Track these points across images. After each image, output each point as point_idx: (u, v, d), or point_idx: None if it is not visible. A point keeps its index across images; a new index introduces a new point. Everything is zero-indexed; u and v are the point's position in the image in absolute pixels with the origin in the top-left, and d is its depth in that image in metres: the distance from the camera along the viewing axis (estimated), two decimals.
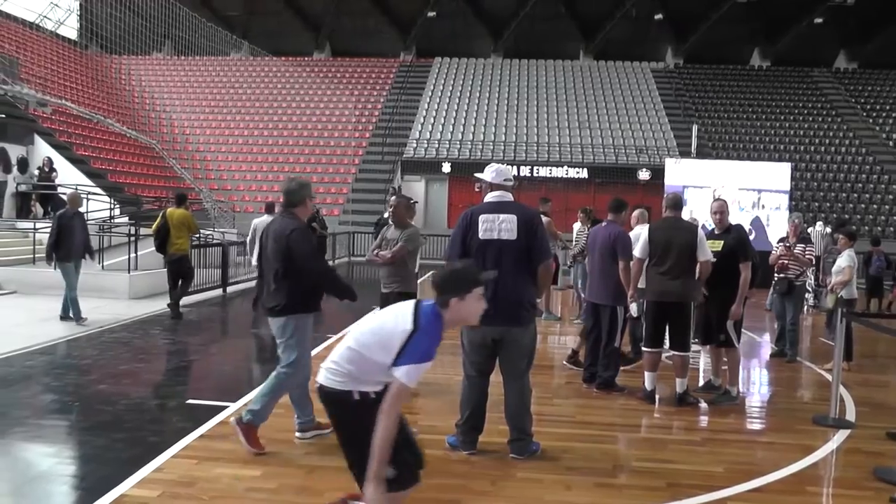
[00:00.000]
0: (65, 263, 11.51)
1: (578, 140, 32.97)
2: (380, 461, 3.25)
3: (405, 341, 3.32)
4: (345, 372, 3.50)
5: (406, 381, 3.27)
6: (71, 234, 11.50)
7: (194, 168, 31.04)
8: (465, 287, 3.43)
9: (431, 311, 3.42)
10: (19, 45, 32.25)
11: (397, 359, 3.30)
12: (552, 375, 8.64)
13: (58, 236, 11.38)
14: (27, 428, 6.25)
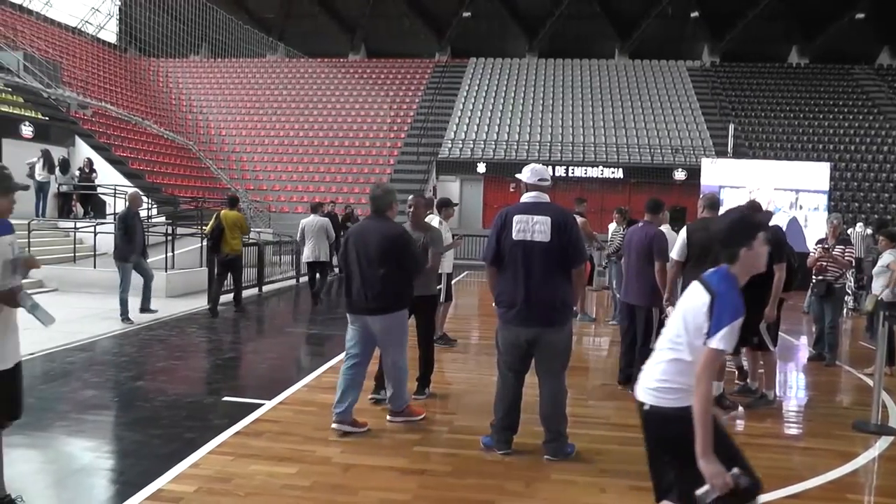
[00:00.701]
0: (124, 263, 11.65)
1: (614, 140, 32.74)
2: (705, 433, 3.12)
3: (709, 312, 3.19)
4: (678, 387, 3.33)
5: (724, 346, 3.13)
6: (133, 233, 11.66)
7: (230, 168, 31.35)
8: (750, 234, 3.27)
9: (720, 274, 3.29)
10: (61, 49, 32.82)
11: (709, 332, 3.17)
12: (587, 377, 8.58)
13: (123, 236, 11.54)
14: (69, 422, 6.36)
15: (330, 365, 8.70)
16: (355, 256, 5.99)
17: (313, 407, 6.83)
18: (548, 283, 5.32)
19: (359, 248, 5.98)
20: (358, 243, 6.01)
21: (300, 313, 14.43)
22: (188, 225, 18.04)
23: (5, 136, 20.48)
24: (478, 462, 5.45)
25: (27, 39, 29.08)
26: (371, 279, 5.91)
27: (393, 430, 6.20)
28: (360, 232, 6.12)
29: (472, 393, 7.48)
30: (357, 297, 6.00)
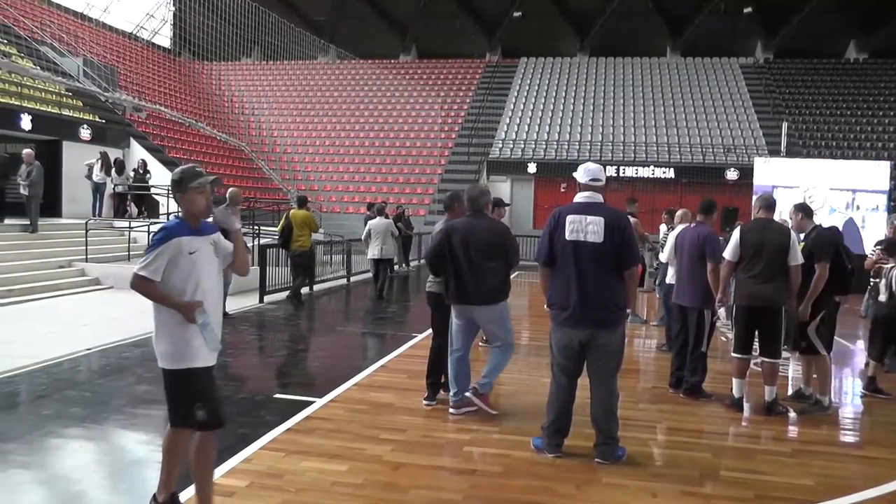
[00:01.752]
0: None
1: (665, 139, 32.29)
2: None
3: None
4: None
5: None
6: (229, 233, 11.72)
7: (282, 169, 31.66)
8: None
9: None
10: (118, 54, 33.50)
11: None
12: (638, 379, 8.43)
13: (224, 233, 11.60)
14: (123, 416, 6.51)
15: (381, 364, 8.71)
16: (462, 252, 6.33)
17: (364, 405, 6.83)
18: (601, 284, 5.25)
19: (466, 244, 6.31)
20: (464, 239, 6.34)
21: (351, 312, 14.50)
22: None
23: (66, 139, 20.94)
24: (528, 463, 5.39)
25: (86, 45, 29.71)
26: (479, 272, 6.25)
27: (444, 430, 6.17)
28: (465, 229, 6.42)
29: (523, 394, 7.40)
30: (464, 289, 6.35)
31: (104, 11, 38.47)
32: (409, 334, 10.63)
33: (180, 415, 4.05)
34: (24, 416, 6.43)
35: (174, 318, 3.99)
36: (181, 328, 4.00)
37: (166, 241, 3.94)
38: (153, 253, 3.92)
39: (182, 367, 3.99)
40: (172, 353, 4.00)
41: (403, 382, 7.77)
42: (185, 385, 4.02)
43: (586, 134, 33.25)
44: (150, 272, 3.90)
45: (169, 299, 3.98)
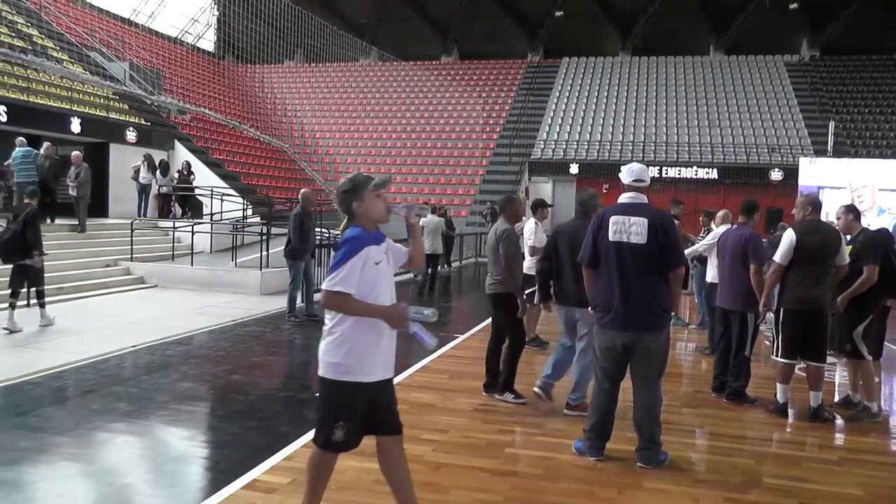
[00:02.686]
0: (296, 262, 11.71)
1: (708, 139, 31.87)
2: None
3: None
4: None
5: None
6: (309, 232, 11.72)
7: (324, 170, 31.87)
8: None
9: None
10: (163, 58, 34.02)
11: None
12: (680, 383, 8.27)
13: (299, 234, 11.58)
14: (167, 412, 6.58)
15: (422, 364, 8.68)
16: (567, 255, 6.46)
17: (405, 405, 6.73)
18: (645, 286, 5.16)
19: (571, 246, 6.33)
20: (570, 241, 6.44)
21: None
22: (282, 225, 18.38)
23: (113, 141, 21.28)
24: (570, 466, 5.34)
25: (133, 50, 30.21)
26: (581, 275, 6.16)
27: (485, 431, 6.13)
28: (571, 231, 6.57)
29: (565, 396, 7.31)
30: (568, 290, 6.54)
31: (150, 17, 39.22)
32: (451, 335, 10.59)
33: (324, 429, 3.92)
34: (73, 411, 6.55)
35: (370, 330, 3.84)
36: (374, 339, 3.87)
37: (358, 251, 3.75)
38: (346, 265, 3.71)
39: (352, 379, 3.85)
40: (350, 365, 3.83)
41: (444, 383, 7.74)
42: (346, 399, 3.89)
43: (628, 134, 32.97)
44: (346, 286, 3.70)
45: (372, 309, 3.81)
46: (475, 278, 21.63)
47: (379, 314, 3.81)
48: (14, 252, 10.11)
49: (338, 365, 3.81)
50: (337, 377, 3.82)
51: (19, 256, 10.13)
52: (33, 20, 26.52)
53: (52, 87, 21.36)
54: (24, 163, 15.50)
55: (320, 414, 3.94)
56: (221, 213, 19.59)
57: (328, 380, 3.84)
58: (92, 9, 34.46)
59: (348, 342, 3.81)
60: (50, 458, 5.31)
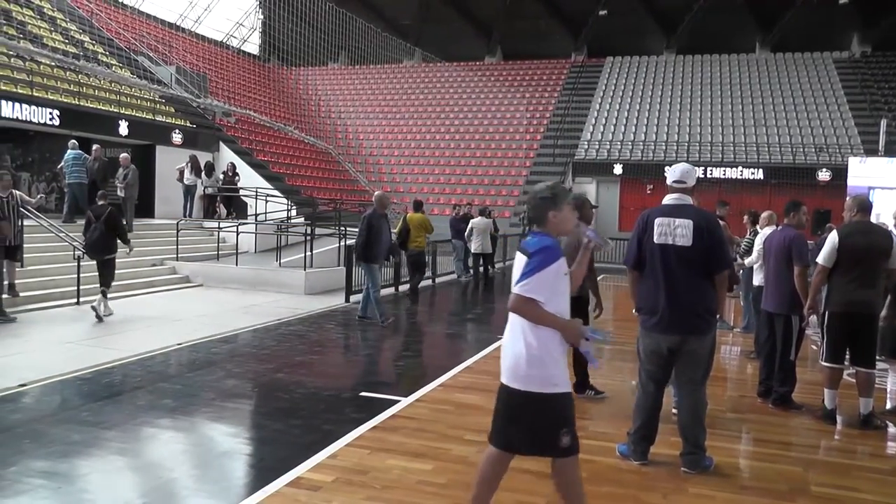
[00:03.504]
0: (371, 264, 11.58)
1: (754, 139, 31.27)
2: None
3: None
4: None
5: None
6: (379, 234, 11.56)
7: (368, 171, 32.02)
8: None
9: None
10: (209, 62, 34.41)
11: None
12: (725, 387, 8.13)
13: (367, 236, 11.44)
14: (213, 409, 6.66)
15: (466, 365, 8.69)
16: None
17: (449, 406, 6.83)
18: (690, 288, 5.09)
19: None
20: None
21: (436, 313, 14.54)
22: (326, 225, 18.52)
23: (159, 143, 21.61)
24: (614, 470, 5.28)
25: (179, 55, 30.69)
26: None
27: None
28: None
29: (609, 399, 7.27)
30: None
31: (196, 22, 39.80)
32: (494, 336, 10.55)
33: (538, 441, 3.96)
34: (121, 406, 6.63)
35: (555, 340, 3.88)
36: (559, 350, 3.90)
37: (555, 260, 3.79)
38: (541, 273, 3.75)
39: (554, 391, 3.88)
40: (546, 376, 3.87)
41: (488, 384, 7.68)
42: (553, 410, 3.91)
43: (673, 134, 32.56)
44: (539, 293, 3.75)
45: (555, 320, 3.84)
46: None
47: (560, 326, 3.85)
48: (100, 249, 11.22)
49: (535, 377, 3.87)
50: (540, 390, 3.87)
51: (106, 253, 11.25)
52: (85, 27, 27.05)
53: (101, 91, 21.75)
54: (76, 165, 15.88)
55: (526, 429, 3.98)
56: (266, 214, 19.77)
57: (530, 393, 3.88)
58: (140, 14, 35.08)
59: (546, 355, 3.85)
60: (99, 452, 5.42)
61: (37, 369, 7.65)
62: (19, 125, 17.94)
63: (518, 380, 3.89)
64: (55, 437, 5.64)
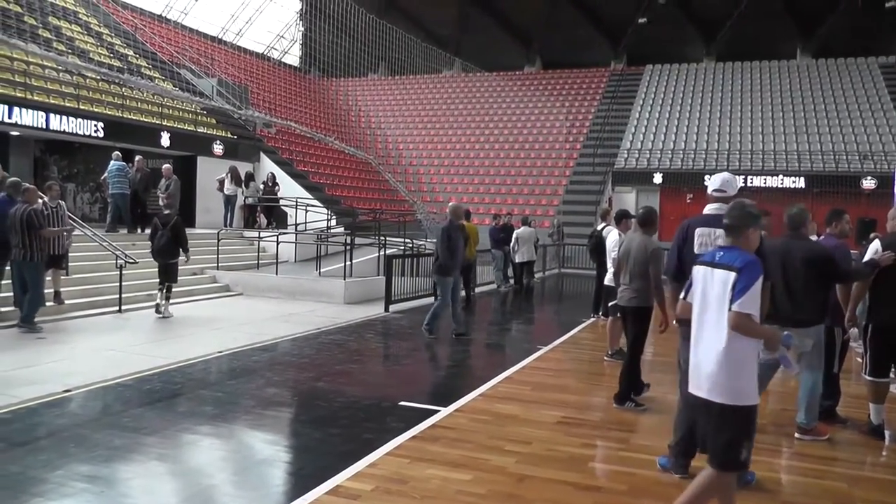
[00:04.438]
0: (444, 278, 11.16)
1: (795, 146, 30.76)
2: None
3: None
4: None
5: None
6: (456, 248, 11.22)
7: (407, 181, 32.10)
8: None
9: None
10: (250, 74, 34.89)
11: None
12: (766, 401, 7.90)
13: (446, 249, 11.06)
14: (252, 417, 6.71)
15: (506, 375, 8.65)
16: (778, 273, 6.20)
17: (489, 416, 6.79)
18: None
19: (783, 264, 6.22)
20: (781, 259, 6.25)
21: (475, 323, 14.48)
22: (366, 235, 18.58)
23: (200, 154, 21.88)
24: (654, 483, 5.21)
25: (221, 67, 31.09)
26: (796, 294, 6.16)
27: (568, 445, 6.04)
28: (781, 249, 6.34)
29: (650, 411, 7.18)
30: (782, 309, 6.20)
31: (238, 35, 40.26)
32: (534, 346, 10.51)
33: (723, 452, 4.04)
34: (162, 412, 6.69)
35: (754, 351, 4.01)
36: (756, 362, 4.03)
37: (760, 274, 3.93)
38: (752, 288, 3.88)
39: (752, 403, 4.01)
40: (747, 388, 3.98)
41: (528, 395, 7.67)
42: (746, 422, 4.02)
43: (713, 142, 32.18)
44: (753, 308, 3.87)
45: (765, 330, 4.03)
46: (558, 290, 21.46)
47: (769, 336, 3.99)
48: (166, 254, 12.32)
49: (740, 390, 3.95)
50: (744, 403, 3.95)
51: (170, 257, 12.34)
52: (129, 41, 27.54)
53: (144, 103, 22.10)
54: (118, 176, 16.14)
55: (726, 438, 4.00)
56: (306, 224, 19.89)
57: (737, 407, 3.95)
58: (183, 28, 35.60)
59: (746, 366, 3.95)
60: (140, 457, 5.47)
61: (81, 375, 7.75)
62: (66, 137, 18.32)
63: (726, 393, 3.95)
64: (98, 442, 5.72)
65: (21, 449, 5.55)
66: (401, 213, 24.17)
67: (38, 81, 18.90)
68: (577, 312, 14.23)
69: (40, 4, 24.85)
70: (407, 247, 17.93)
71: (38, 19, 23.39)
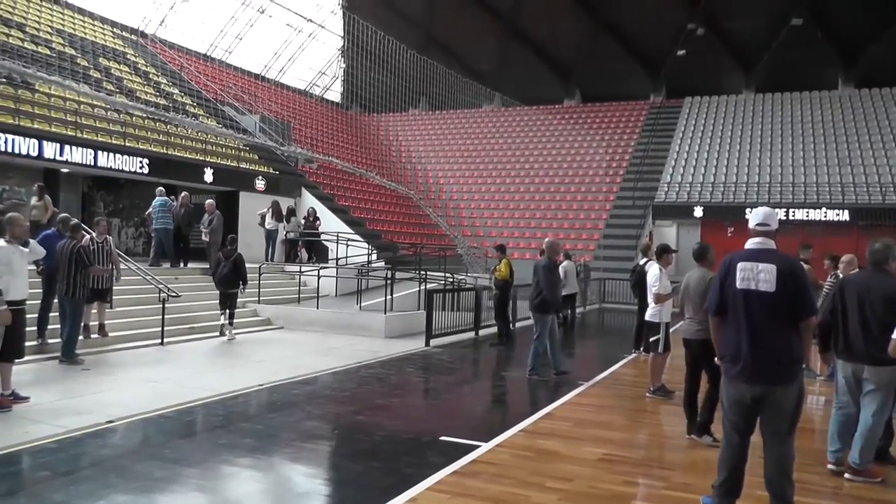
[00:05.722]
0: (543, 316, 10.90)
1: (838, 178, 30.25)
2: None
3: None
4: None
5: None
6: (556, 284, 11.20)
7: (448, 215, 32.18)
8: None
9: None
10: (292, 110, 35.44)
11: None
12: (813, 440, 7.68)
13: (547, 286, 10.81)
14: (293, 450, 6.73)
15: (547, 411, 8.56)
16: (856, 305, 6.20)
17: (530, 452, 6.73)
18: (774, 336, 4.88)
19: (859, 298, 6.19)
20: (860, 294, 6.21)
21: (515, 357, 14.37)
22: (407, 269, 18.61)
23: (242, 189, 22.20)
24: None
25: (264, 104, 31.66)
26: (873, 330, 6.05)
27: (610, 482, 5.95)
28: (860, 282, 6.34)
29: (692, 448, 7.06)
30: (855, 344, 6.21)
31: (280, 72, 40.96)
32: (575, 382, 10.38)
33: None
34: (202, 444, 6.74)
35: None
36: None
37: None
38: None
39: None
40: None
41: (569, 431, 7.59)
42: None
43: (753, 175, 31.79)
44: None
45: None
46: (599, 325, 21.23)
47: None
48: (227, 283, 13.80)
49: None
50: None
51: (231, 286, 13.82)
52: (175, 80, 28.22)
53: (188, 140, 22.54)
54: (162, 211, 16.42)
55: None
56: (347, 258, 20.00)
57: None
58: (227, 67, 36.43)
59: None
60: (180, 489, 5.51)
61: (123, 406, 7.83)
62: (112, 173, 18.71)
63: None
64: (139, 473, 5.76)
65: (65, 478, 5.63)
66: (441, 248, 24.20)
67: (88, 120, 19.42)
68: (618, 348, 14.06)
69: (93, 47, 25.64)
70: (447, 281, 17.92)
71: (90, 61, 24.09)
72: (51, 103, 19.03)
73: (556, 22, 41.54)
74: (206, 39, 36.84)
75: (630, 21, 40.78)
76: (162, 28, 33.32)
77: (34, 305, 10.29)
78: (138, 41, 30.87)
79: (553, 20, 41.53)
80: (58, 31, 25.43)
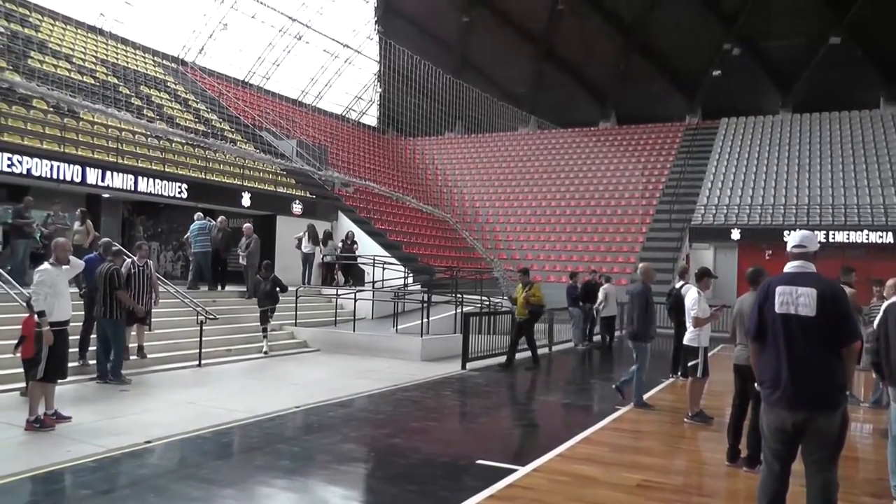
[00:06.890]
0: (642, 344, 10.66)
1: (881, 199, 29.61)
2: None
3: None
4: None
5: None
6: (653, 312, 10.97)
7: (484, 239, 32.17)
8: None
9: None
10: (328, 134, 35.81)
11: None
12: (857, 469, 7.52)
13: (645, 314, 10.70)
14: (329, 472, 6.75)
15: (584, 436, 8.49)
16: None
17: (567, 477, 6.68)
18: (815, 361, 4.76)
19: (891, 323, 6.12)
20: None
21: (552, 382, 14.30)
22: (443, 293, 18.60)
23: (279, 213, 22.42)
24: None
25: (300, 129, 32.03)
26: None
27: None
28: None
29: (730, 476, 6.96)
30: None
31: (317, 97, 41.48)
32: (613, 407, 10.27)
33: None
34: (239, 465, 6.77)
35: None
36: None
37: None
38: None
39: None
40: None
41: (607, 456, 7.51)
42: None
43: (791, 197, 31.32)
44: None
45: None
46: None
47: None
48: (268, 299, 14.91)
49: None
50: None
51: (270, 302, 14.92)
52: (213, 106, 28.68)
53: (226, 165, 22.86)
54: (200, 235, 16.66)
55: None
56: (383, 281, 20.07)
57: None
58: (264, 93, 36.95)
59: None
60: None
61: (161, 427, 7.92)
62: (152, 199, 18.99)
63: None
64: (176, 493, 5.81)
65: (104, 497, 5.71)
66: (477, 271, 24.17)
67: (129, 147, 19.78)
68: (656, 372, 13.85)
69: (134, 75, 26.19)
70: (484, 304, 17.87)
71: (132, 89, 24.59)
72: (94, 131, 19.44)
73: (590, 44, 41.49)
74: (245, 66, 37.55)
75: (665, 42, 40.70)
76: (201, 56, 34.05)
77: (76, 327, 10.45)
78: (178, 69, 31.46)
79: (587, 42, 41.50)
80: (102, 60, 26.03)
